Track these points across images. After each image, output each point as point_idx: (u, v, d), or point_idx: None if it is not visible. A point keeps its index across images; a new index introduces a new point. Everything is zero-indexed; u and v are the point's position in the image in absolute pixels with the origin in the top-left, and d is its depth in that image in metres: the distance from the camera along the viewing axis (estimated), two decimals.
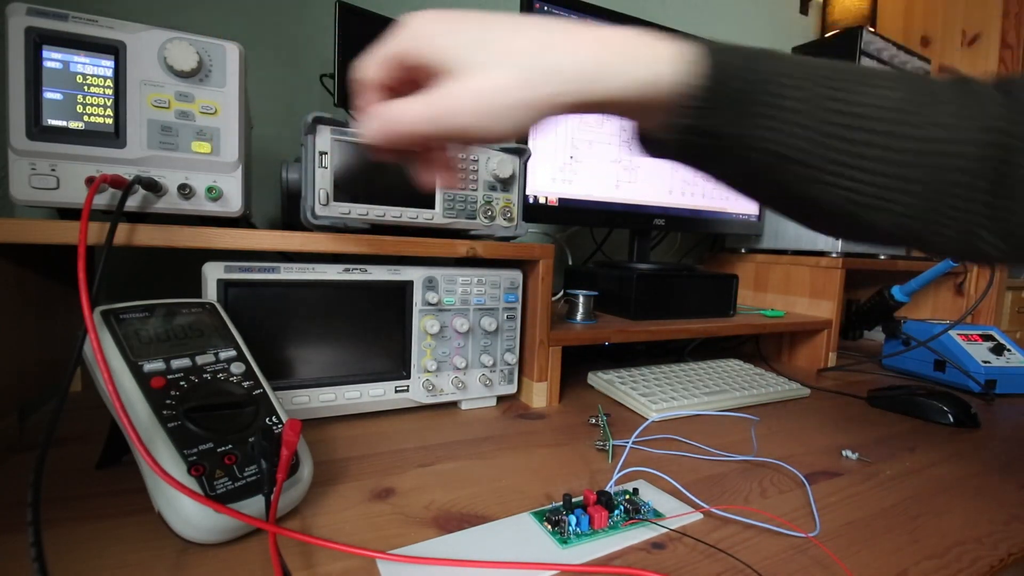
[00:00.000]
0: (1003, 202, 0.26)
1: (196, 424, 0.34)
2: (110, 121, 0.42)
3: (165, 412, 0.33)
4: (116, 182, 0.41)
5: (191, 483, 0.31)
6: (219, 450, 0.33)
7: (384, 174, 0.52)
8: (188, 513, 0.31)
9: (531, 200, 0.75)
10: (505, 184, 0.59)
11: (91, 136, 0.42)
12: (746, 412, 0.63)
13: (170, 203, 0.45)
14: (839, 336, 0.93)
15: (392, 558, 0.31)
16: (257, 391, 0.39)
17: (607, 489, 0.39)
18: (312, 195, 0.49)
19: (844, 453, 0.52)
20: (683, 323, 0.76)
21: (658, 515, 0.38)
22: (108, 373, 0.33)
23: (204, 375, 0.37)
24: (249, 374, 0.39)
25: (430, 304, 0.56)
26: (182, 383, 0.35)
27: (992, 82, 0.27)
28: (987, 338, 0.85)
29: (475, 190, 0.57)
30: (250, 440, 0.35)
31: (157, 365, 0.35)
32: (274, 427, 0.37)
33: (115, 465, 0.42)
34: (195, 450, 0.32)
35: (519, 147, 0.59)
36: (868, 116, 0.26)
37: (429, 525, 0.36)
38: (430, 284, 0.56)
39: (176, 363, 0.36)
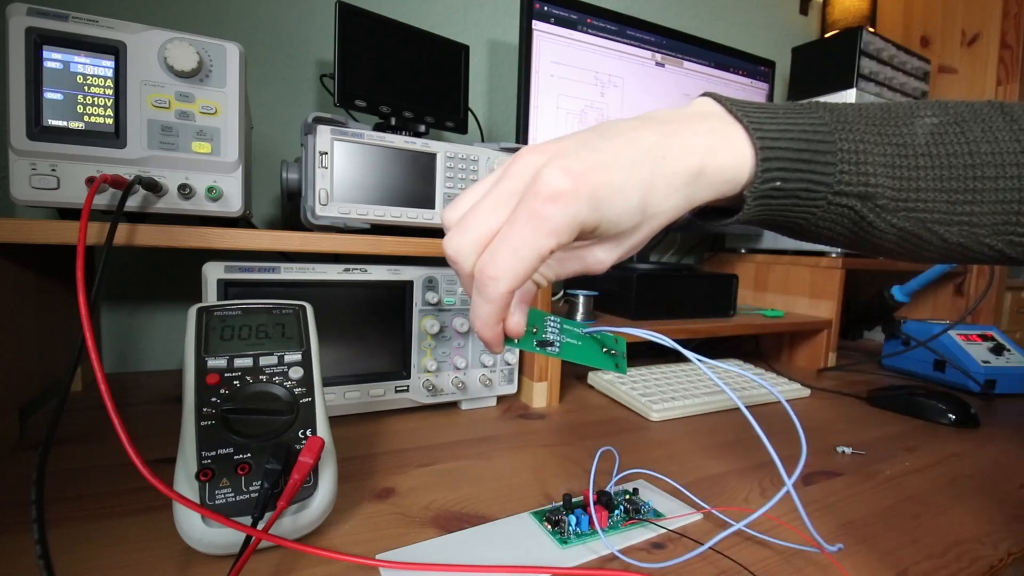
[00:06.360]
0: None
1: (226, 427, 0.32)
2: (110, 121, 0.42)
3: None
4: (116, 182, 0.41)
5: (191, 489, 0.30)
6: (235, 457, 0.32)
7: (384, 174, 0.52)
8: (181, 519, 0.30)
9: None
10: None
11: (91, 136, 0.42)
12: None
13: (170, 203, 0.45)
14: (839, 336, 0.93)
15: (388, 564, 0.31)
16: (305, 399, 0.36)
17: (607, 489, 0.39)
18: (312, 195, 0.49)
19: (839, 449, 0.52)
20: (683, 323, 0.76)
21: (658, 515, 0.38)
22: (102, 374, 0.32)
23: (255, 377, 0.35)
24: (305, 381, 0.37)
25: (430, 304, 0.56)
26: (229, 385, 0.34)
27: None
28: (987, 338, 0.85)
29: None
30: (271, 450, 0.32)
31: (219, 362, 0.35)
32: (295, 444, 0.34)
33: None
34: (212, 453, 0.31)
35: (519, 147, 0.59)
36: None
37: (429, 525, 0.36)
38: (430, 284, 0.56)
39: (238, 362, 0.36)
